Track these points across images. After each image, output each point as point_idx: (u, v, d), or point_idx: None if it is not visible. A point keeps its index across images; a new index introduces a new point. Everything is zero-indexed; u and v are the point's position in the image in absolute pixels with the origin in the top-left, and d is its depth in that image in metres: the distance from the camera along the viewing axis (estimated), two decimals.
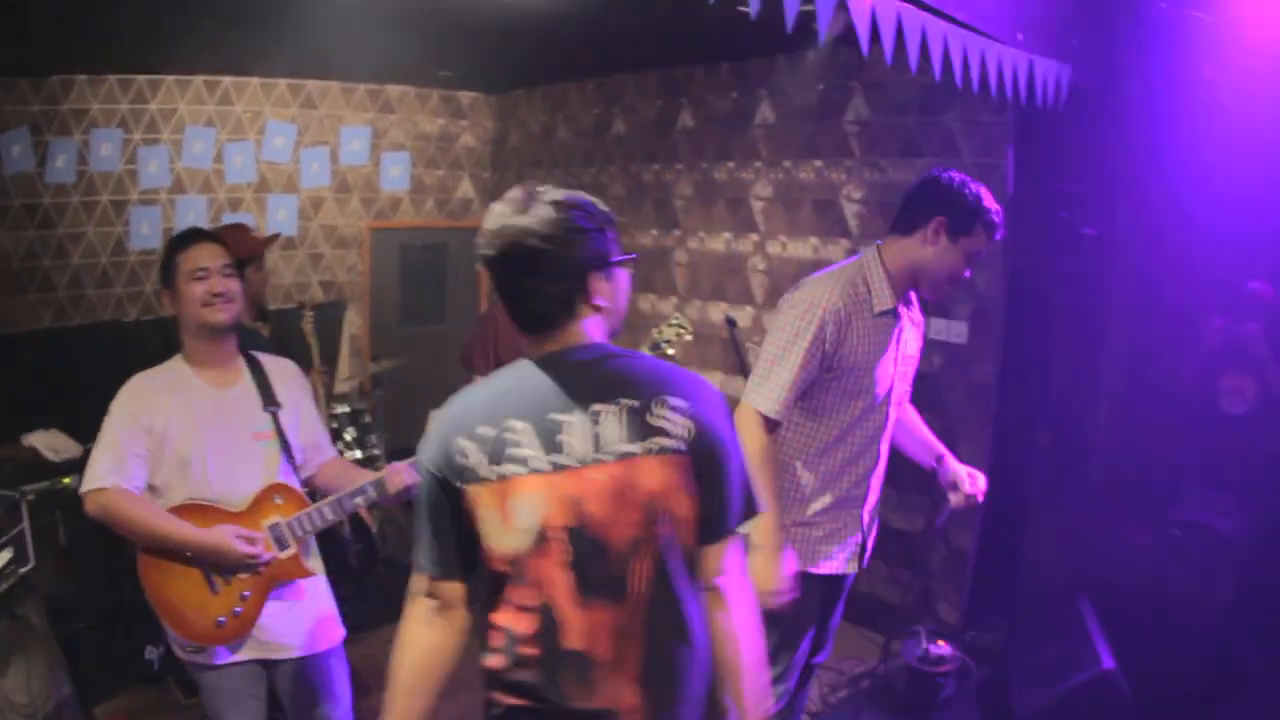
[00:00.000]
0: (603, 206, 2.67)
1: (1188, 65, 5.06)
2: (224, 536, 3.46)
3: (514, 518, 2.46)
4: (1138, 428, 5.65)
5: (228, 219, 8.26)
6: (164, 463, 3.54)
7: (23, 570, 4.28)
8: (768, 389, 3.70)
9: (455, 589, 2.62)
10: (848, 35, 3.51)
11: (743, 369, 5.88)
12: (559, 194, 2.59)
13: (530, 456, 2.46)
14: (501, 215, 2.54)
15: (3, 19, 5.46)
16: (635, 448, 2.46)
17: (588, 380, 2.52)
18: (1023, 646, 5.40)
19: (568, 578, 2.47)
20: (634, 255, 2.89)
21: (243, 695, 3.77)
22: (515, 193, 2.60)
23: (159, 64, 7.62)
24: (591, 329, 2.60)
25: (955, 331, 6.03)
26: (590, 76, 8.76)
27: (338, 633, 3.88)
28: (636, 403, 2.48)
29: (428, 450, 2.56)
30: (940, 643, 5.49)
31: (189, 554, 3.48)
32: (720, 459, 2.56)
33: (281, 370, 3.82)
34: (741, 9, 3.26)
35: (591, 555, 2.47)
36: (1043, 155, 5.66)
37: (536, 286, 2.53)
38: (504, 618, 2.55)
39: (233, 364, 3.70)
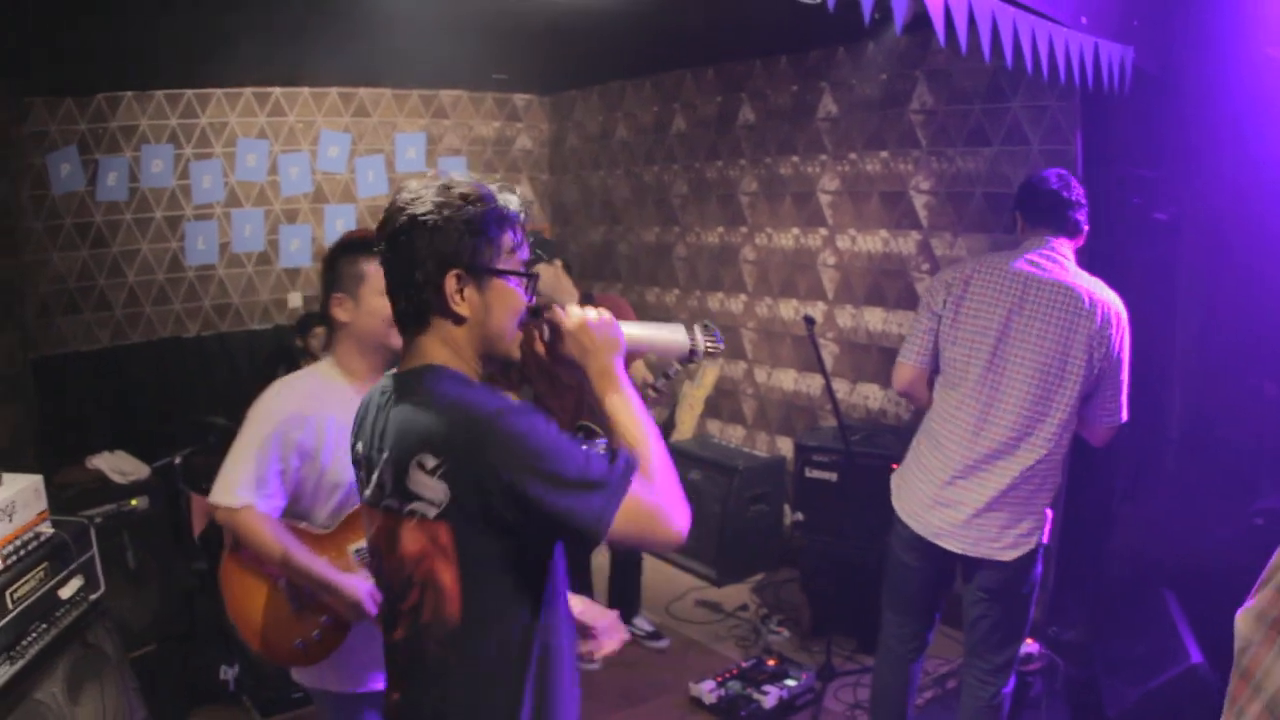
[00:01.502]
0: (515, 208, 2.32)
1: (1250, 44, 4.92)
2: (358, 592, 3.22)
3: None
4: (1215, 415, 5.50)
5: (285, 231, 8.18)
6: (320, 486, 3.36)
7: (93, 596, 4.14)
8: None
9: None
10: (910, 24, 3.47)
11: (820, 367, 5.73)
12: (463, 181, 2.31)
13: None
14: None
15: (45, 39, 5.41)
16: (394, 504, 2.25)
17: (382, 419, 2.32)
18: (1109, 642, 5.29)
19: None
20: (530, 272, 2.40)
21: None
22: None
23: (207, 78, 7.58)
24: (438, 348, 2.30)
25: None
26: (646, 74, 8.64)
27: None
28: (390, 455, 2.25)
29: None
30: (1028, 641, 5.35)
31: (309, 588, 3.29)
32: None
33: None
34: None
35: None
36: (1111, 140, 5.53)
37: (396, 277, 2.29)
38: None
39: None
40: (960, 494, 4.15)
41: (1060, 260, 4.10)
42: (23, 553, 3.73)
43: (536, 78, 8.98)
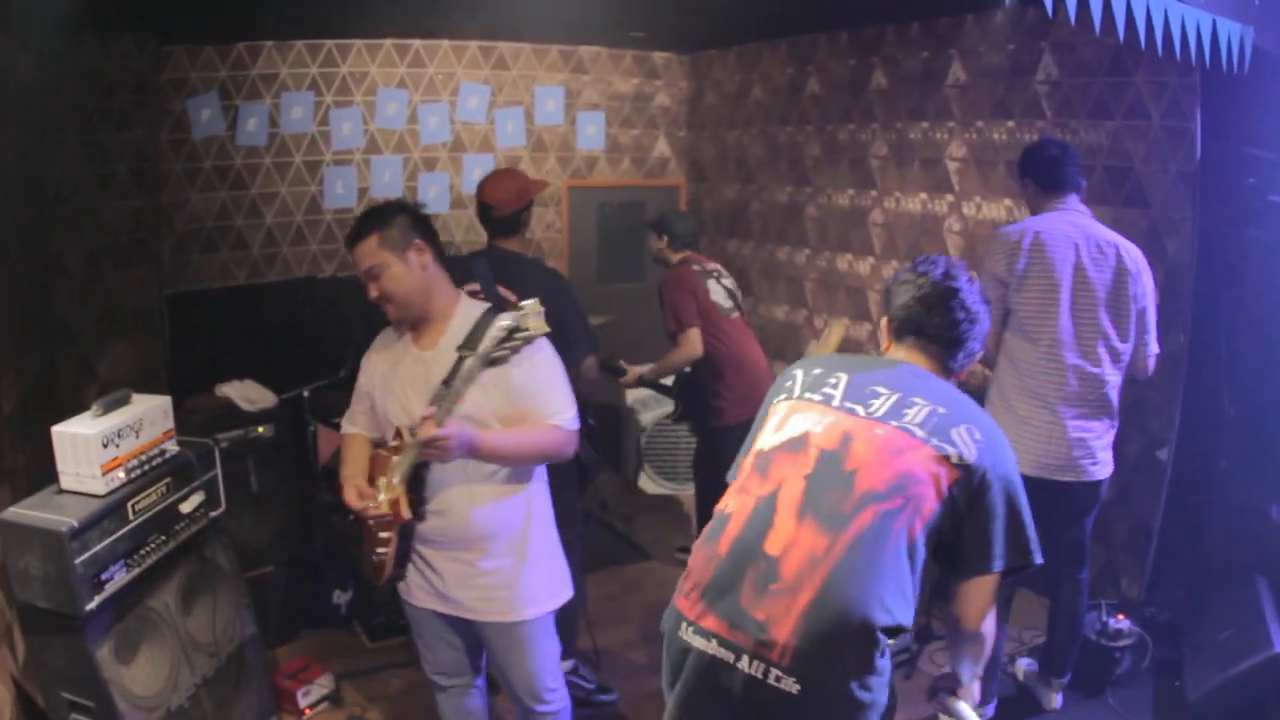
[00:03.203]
0: None
1: None
2: (347, 487, 3.65)
3: (788, 427, 2.99)
4: None
5: (424, 179, 8.34)
6: (379, 416, 3.78)
7: (213, 514, 4.32)
8: None
9: None
10: None
11: None
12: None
13: (835, 396, 2.98)
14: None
15: None
16: (921, 434, 2.81)
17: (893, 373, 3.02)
18: (1200, 626, 5.21)
19: (801, 487, 2.81)
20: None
21: (430, 637, 3.93)
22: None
23: (347, 29, 7.71)
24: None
25: None
26: (782, 35, 8.59)
27: (515, 608, 3.74)
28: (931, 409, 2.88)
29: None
30: (1120, 617, 5.39)
31: None
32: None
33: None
34: None
35: (831, 481, 2.79)
36: (1230, 119, 5.42)
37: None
38: (726, 501, 2.98)
39: (442, 324, 3.67)
40: (1065, 430, 4.65)
41: (1087, 216, 4.75)
42: (147, 467, 3.92)
43: (673, 36, 8.98)
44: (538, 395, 3.60)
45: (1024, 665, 5.50)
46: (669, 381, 6.46)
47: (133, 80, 6.74)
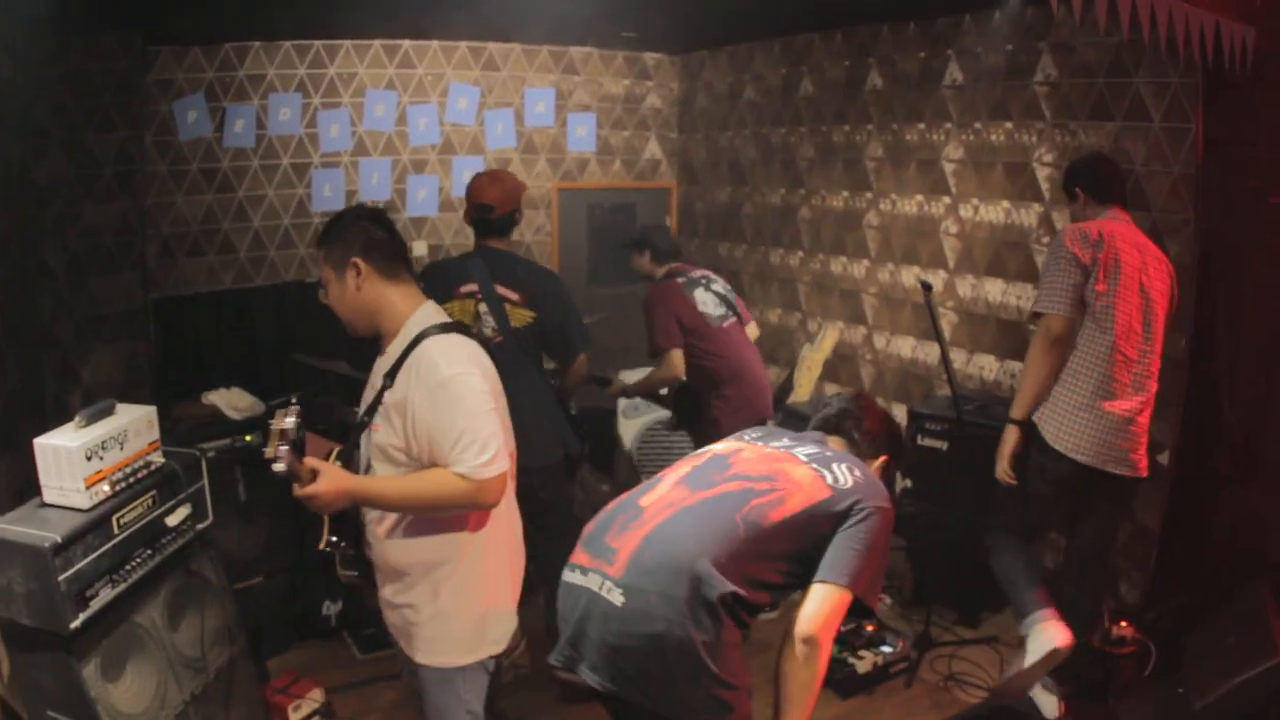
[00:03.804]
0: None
1: None
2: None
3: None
4: None
5: (412, 181, 8.26)
6: None
7: (200, 526, 4.24)
8: None
9: None
10: None
11: (936, 334, 5.70)
12: None
13: (747, 435, 3.65)
14: None
15: None
16: (803, 457, 3.35)
17: None
18: (1204, 632, 5.15)
19: (687, 470, 3.37)
20: None
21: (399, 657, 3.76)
22: None
23: (335, 29, 7.62)
24: None
25: None
26: (775, 36, 8.52)
27: (414, 646, 3.55)
28: None
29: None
30: (1123, 624, 5.43)
31: None
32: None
33: (422, 371, 3.24)
34: None
35: (713, 467, 3.32)
36: (1232, 121, 5.39)
37: None
38: None
39: (389, 339, 3.43)
40: (1126, 422, 4.89)
41: (1134, 226, 5.02)
42: (132, 480, 3.83)
43: (665, 37, 8.91)
44: (438, 433, 3.21)
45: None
46: (665, 390, 6.38)
47: (118, 81, 6.65)
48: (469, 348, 3.38)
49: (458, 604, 3.45)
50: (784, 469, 3.21)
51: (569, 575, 3.15)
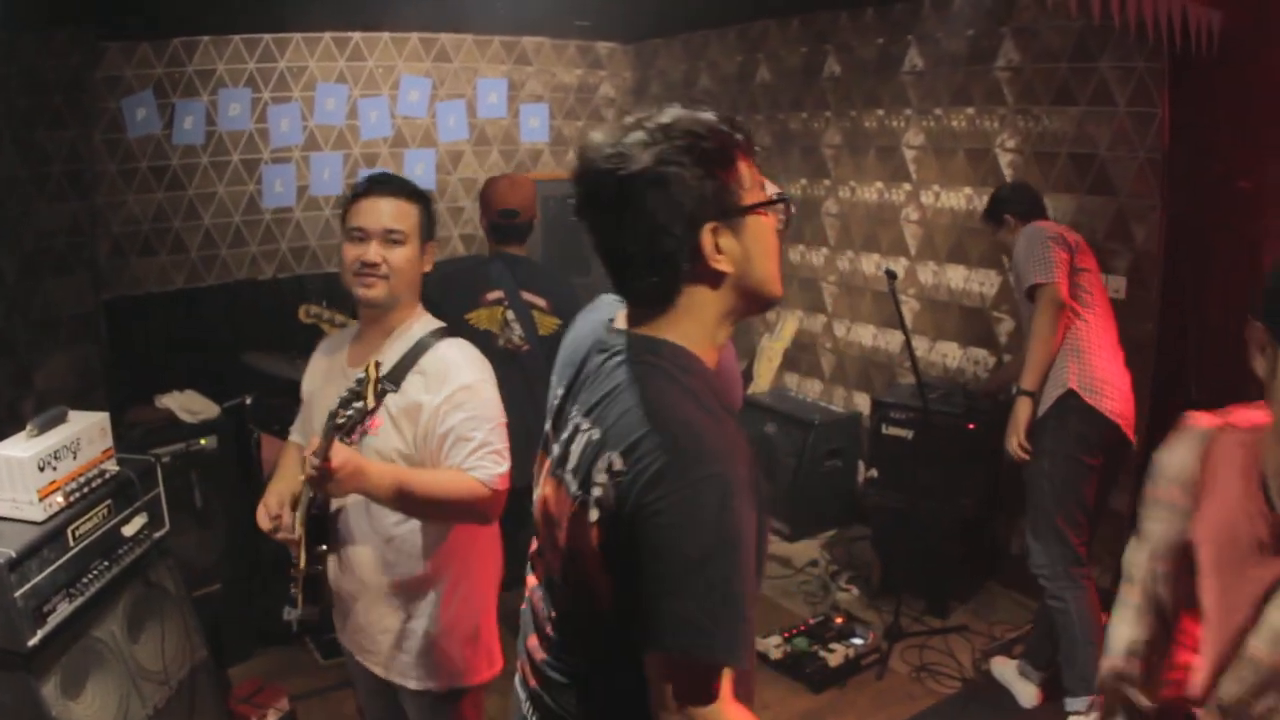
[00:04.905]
0: (730, 133, 1.93)
1: None
2: (260, 509, 3.29)
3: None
4: None
5: (364, 174, 8.09)
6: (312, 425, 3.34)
7: (157, 535, 4.14)
8: None
9: None
10: None
11: (900, 323, 5.67)
12: (672, 113, 1.92)
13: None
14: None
15: None
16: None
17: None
18: None
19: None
20: (784, 196, 2.12)
21: (367, 690, 3.61)
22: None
23: (285, 22, 7.51)
24: (681, 320, 1.98)
25: (1114, 286, 5.74)
26: (730, 23, 8.48)
27: (421, 676, 3.36)
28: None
29: None
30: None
31: None
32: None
33: (443, 373, 3.13)
34: None
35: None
36: (1198, 105, 5.40)
37: (627, 256, 1.95)
38: None
39: (380, 341, 3.25)
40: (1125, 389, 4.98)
41: None
42: (86, 490, 3.75)
43: (620, 25, 8.84)
44: (461, 438, 3.08)
45: (1001, 663, 5.43)
46: None
47: (69, 78, 6.52)
48: (482, 356, 3.27)
49: (453, 623, 3.33)
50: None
51: None
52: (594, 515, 1.89)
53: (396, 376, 3.11)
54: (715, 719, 1.81)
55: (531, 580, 2.29)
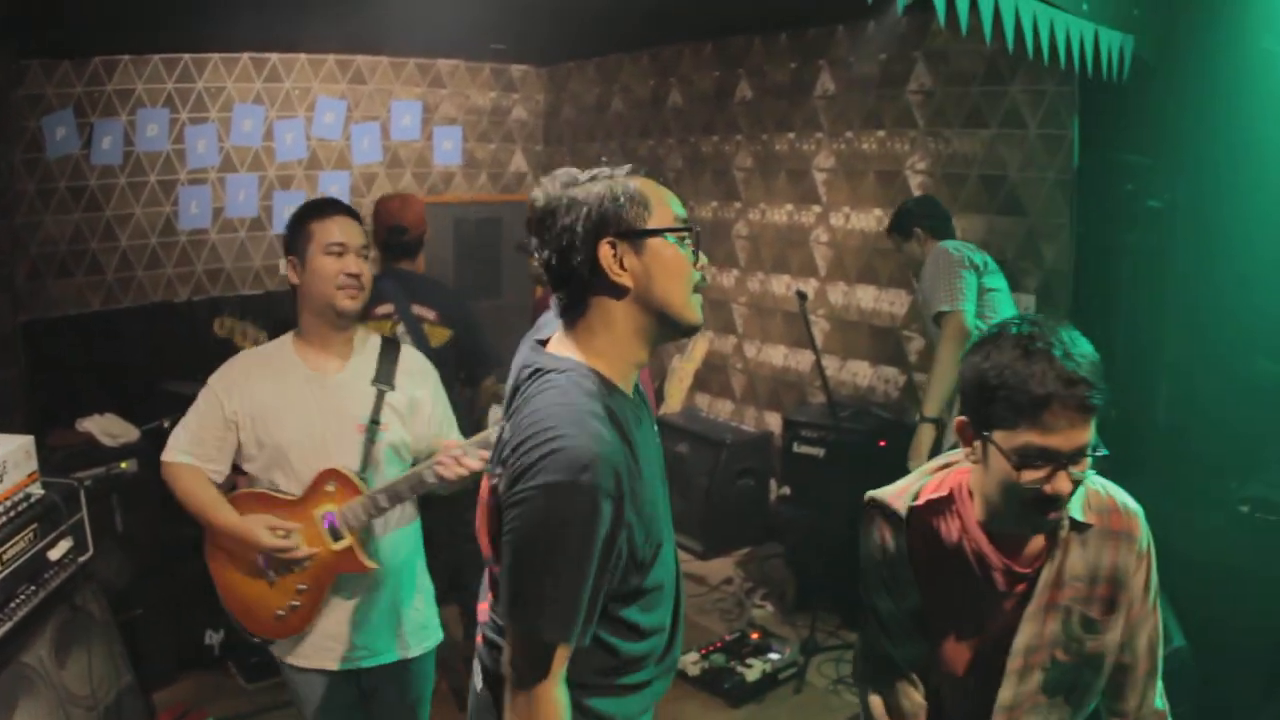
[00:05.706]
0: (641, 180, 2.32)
1: (1248, 36, 4.96)
2: (254, 527, 3.30)
3: None
4: (1203, 402, 5.51)
5: (279, 198, 8.13)
6: (262, 450, 3.39)
7: (82, 559, 4.14)
8: None
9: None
10: (912, 3, 3.70)
11: (810, 343, 5.78)
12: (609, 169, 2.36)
13: None
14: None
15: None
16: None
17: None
18: None
19: None
20: (690, 227, 2.33)
21: (332, 705, 3.62)
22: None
23: (204, 43, 7.48)
24: (594, 335, 2.25)
25: (1024, 305, 5.87)
26: (643, 48, 8.60)
27: (428, 636, 3.69)
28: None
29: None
30: None
31: (234, 543, 3.38)
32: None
33: (423, 369, 3.64)
34: None
35: None
36: (1108, 127, 5.55)
37: (553, 268, 2.26)
38: None
39: (345, 349, 3.48)
40: None
41: None
42: (13, 514, 3.75)
43: (534, 48, 8.90)
44: (447, 417, 3.68)
45: None
46: None
47: None
48: None
49: (427, 582, 3.76)
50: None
51: None
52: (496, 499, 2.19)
53: (387, 378, 3.46)
54: (539, 694, 2.12)
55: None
